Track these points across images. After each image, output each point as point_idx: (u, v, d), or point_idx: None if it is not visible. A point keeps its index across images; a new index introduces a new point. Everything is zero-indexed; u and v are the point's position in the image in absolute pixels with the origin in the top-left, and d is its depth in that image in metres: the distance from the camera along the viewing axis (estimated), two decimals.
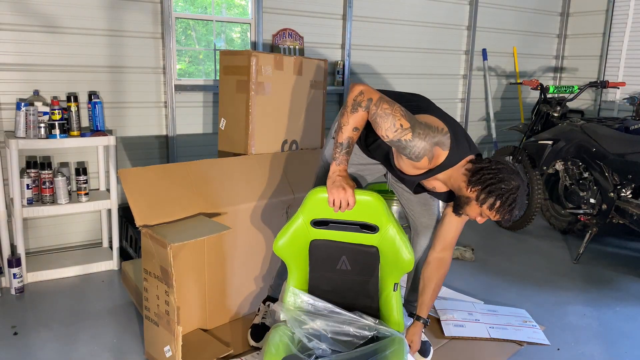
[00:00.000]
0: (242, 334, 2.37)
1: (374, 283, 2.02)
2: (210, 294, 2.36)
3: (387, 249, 1.96)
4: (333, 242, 2.00)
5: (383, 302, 2.03)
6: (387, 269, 1.99)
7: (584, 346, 2.45)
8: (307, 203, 1.96)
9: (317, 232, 2.00)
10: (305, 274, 2.06)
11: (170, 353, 2.02)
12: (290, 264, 2.04)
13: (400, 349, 1.84)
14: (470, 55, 4.86)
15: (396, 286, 1.99)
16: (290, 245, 2.00)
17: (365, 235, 1.97)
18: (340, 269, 2.02)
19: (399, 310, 2.00)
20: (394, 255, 1.95)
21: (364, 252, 2.00)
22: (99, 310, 2.63)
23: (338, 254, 2.02)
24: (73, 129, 2.99)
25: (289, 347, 1.88)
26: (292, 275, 2.05)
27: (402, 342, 1.88)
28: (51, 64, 3.10)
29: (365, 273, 2.02)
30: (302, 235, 2.00)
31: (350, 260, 2.01)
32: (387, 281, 2.00)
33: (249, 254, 2.50)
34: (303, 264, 2.04)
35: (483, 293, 2.98)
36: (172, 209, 2.21)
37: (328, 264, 2.03)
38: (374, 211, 1.93)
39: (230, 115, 2.79)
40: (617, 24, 4.98)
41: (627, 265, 3.50)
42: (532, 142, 3.84)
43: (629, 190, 3.32)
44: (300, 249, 2.02)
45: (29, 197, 2.87)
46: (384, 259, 1.99)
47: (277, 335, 1.91)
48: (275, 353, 1.83)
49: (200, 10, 3.65)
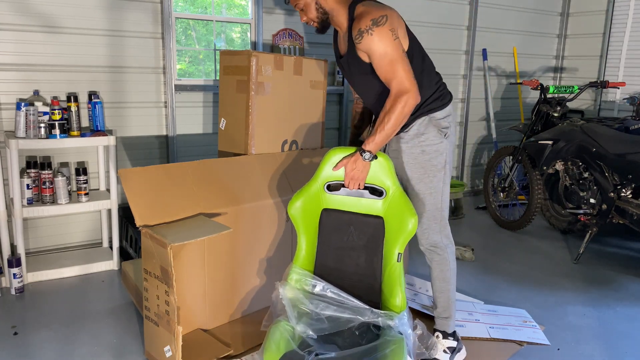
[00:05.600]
0: (242, 334, 2.37)
1: (378, 259, 2.06)
2: (210, 294, 2.36)
3: (393, 215, 2.03)
4: (343, 212, 2.10)
5: (387, 276, 2.05)
6: (392, 239, 2.03)
7: (584, 346, 2.45)
8: (326, 160, 2.08)
9: (329, 201, 2.10)
10: (313, 247, 2.13)
11: (170, 353, 2.02)
12: (300, 231, 2.12)
13: (400, 348, 1.84)
14: (470, 55, 4.86)
15: (399, 256, 2.02)
16: (304, 210, 2.11)
17: (373, 204, 2.06)
18: (348, 240, 2.09)
19: (401, 284, 2.01)
20: (399, 220, 2.01)
21: (370, 223, 2.07)
22: (99, 310, 2.63)
23: (347, 225, 2.10)
24: (73, 129, 2.99)
25: (289, 343, 1.88)
26: (300, 249, 2.12)
27: (402, 342, 1.88)
28: (51, 64, 3.10)
29: (371, 246, 2.07)
30: (316, 201, 2.11)
31: (357, 231, 2.09)
32: (392, 251, 2.03)
33: (249, 254, 2.50)
34: (312, 234, 2.12)
35: (483, 293, 2.98)
36: (172, 209, 2.21)
37: (337, 235, 2.10)
38: (383, 172, 2.04)
39: (230, 115, 2.79)
40: (617, 24, 4.97)
41: (627, 265, 3.50)
42: (532, 142, 3.84)
43: (629, 190, 3.32)
44: (312, 216, 2.12)
45: (29, 197, 2.87)
46: (388, 229, 2.04)
47: (277, 332, 1.92)
48: (275, 350, 1.84)
49: (200, 10, 3.65)
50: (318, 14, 2.15)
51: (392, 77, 1.96)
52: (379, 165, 2.04)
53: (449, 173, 2.16)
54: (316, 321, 1.98)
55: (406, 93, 1.93)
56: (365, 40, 1.95)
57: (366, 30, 1.93)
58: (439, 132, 2.09)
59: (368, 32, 1.93)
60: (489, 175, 4.40)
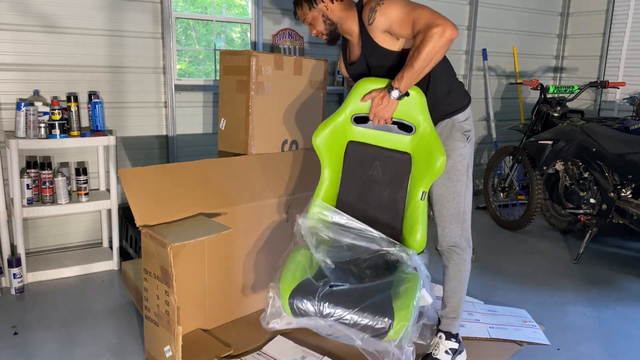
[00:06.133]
0: (242, 334, 2.37)
1: (402, 195, 2.03)
2: (210, 294, 2.36)
3: (421, 153, 1.97)
4: (369, 146, 2.05)
5: (409, 213, 2.01)
6: (418, 177, 1.99)
7: (584, 346, 2.45)
8: (355, 91, 2.02)
9: (355, 133, 2.06)
10: (336, 180, 2.09)
11: (170, 353, 2.02)
12: (324, 162, 2.09)
13: (414, 285, 1.82)
14: (470, 55, 4.86)
15: (424, 195, 1.97)
16: (329, 140, 2.06)
17: (401, 140, 2.01)
18: (373, 174, 2.05)
19: (423, 222, 1.98)
20: (427, 158, 1.95)
21: (397, 159, 2.02)
22: (99, 310, 2.63)
23: (372, 159, 2.06)
24: (73, 129, 2.99)
25: (305, 272, 1.90)
26: (323, 181, 2.10)
27: (416, 278, 1.86)
28: (51, 64, 3.10)
29: (396, 182, 2.03)
30: (342, 133, 2.07)
31: (383, 166, 2.05)
32: (416, 188, 1.99)
33: (249, 254, 2.50)
34: (337, 166, 2.10)
35: (483, 293, 2.98)
36: (172, 209, 2.21)
37: (361, 168, 2.06)
38: (415, 107, 1.96)
39: (230, 115, 2.79)
40: (617, 24, 4.97)
41: (627, 265, 3.50)
42: (532, 142, 3.83)
43: (629, 190, 3.32)
44: (338, 148, 2.08)
45: (29, 197, 2.87)
46: (415, 167, 2.00)
47: (294, 261, 1.93)
48: (291, 279, 1.86)
49: (200, 10, 3.65)
50: (326, 26, 2.16)
51: (418, 20, 1.84)
52: (412, 100, 1.96)
53: (471, 176, 2.14)
54: (334, 248, 1.98)
55: (439, 25, 1.79)
56: (379, 12, 1.92)
57: (377, 4, 1.93)
58: (463, 135, 2.08)
59: (379, 4, 1.92)
60: (489, 175, 4.40)
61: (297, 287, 1.84)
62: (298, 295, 1.83)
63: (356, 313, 1.78)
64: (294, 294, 1.83)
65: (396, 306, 1.76)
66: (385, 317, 1.75)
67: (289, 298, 1.83)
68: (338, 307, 1.80)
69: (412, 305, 1.77)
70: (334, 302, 1.80)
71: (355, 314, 1.78)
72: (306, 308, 1.82)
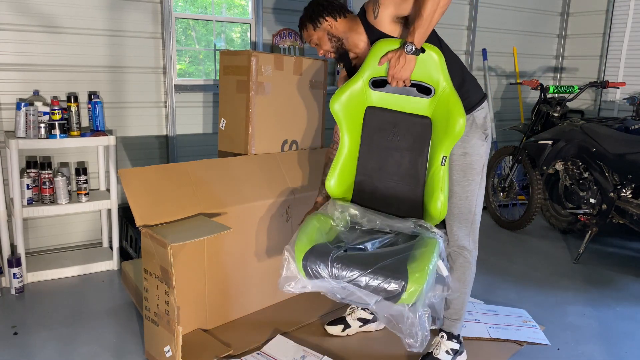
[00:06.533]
0: (242, 334, 2.37)
1: (422, 161, 1.98)
2: (210, 294, 2.36)
3: (440, 115, 1.91)
4: (388, 111, 2.00)
5: (430, 179, 1.96)
6: (437, 141, 1.93)
7: (584, 346, 2.45)
8: (373, 54, 1.95)
9: (374, 98, 2.01)
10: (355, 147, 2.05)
11: (170, 353, 2.02)
12: (343, 129, 2.03)
13: (432, 250, 1.79)
14: (470, 55, 4.86)
15: (444, 160, 1.91)
16: (347, 106, 2.01)
17: (420, 103, 1.94)
18: (392, 140, 2.00)
19: (444, 188, 1.93)
20: (446, 121, 1.89)
21: (417, 124, 1.96)
22: (99, 310, 2.63)
23: (391, 124, 2.01)
24: (73, 129, 2.99)
25: (322, 237, 1.88)
26: (342, 148, 2.04)
27: (434, 244, 1.83)
28: (51, 64, 3.10)
29: (416, 147, 1.98)
30: (360, 98, 2.01)
31: (402, 131, 1.99)
32: (437, 153, 1.93)
33: (249, 254, 2.50)
34: (356, 132, 2.04)
35: (483, 293, 2.98)
36: (172, 209, 2.21)
37: (380, 134, 2.02)
38: (433, 66, 1.89)
39: (230, 115, 2.79)
40: (617, 24, 4.97)
41: (627, 265, 3.50)
42: (532, 142, 3.83)
43: (629, 190, 3.32)
44: (356, 113, 2.03)
45: (29, 197, 2.87)
46: (435, 130, 1.94)
47: (311, 224, 1.92)
48: (306, 241, 1.85)
49: (200, 10, 3.65)
50: (332, 44, 2.16)
51: None
52: (429, 59, 1.89)
53: (485, 177, 2.12)
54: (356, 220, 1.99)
55: None
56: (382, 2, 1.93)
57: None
58: (482, 133, 2.06)
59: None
60: (489, 175, 4.41)
61: (311, 249, 1.83)
62: (312, 257, 1.81)
63: (369, 274, 1.74)
64: (307, 256, 1.82)
65: (410, 268, 1.72)
66: (398, 278, 1.71)
67: (302, 260, 1.82)
68: (351, 268, 1.77)
69: (428, 269, 1.72)
70: (347, 264, 1.78)
71: (367, 275, 1.74)
72: (319, 270, 1.80)
